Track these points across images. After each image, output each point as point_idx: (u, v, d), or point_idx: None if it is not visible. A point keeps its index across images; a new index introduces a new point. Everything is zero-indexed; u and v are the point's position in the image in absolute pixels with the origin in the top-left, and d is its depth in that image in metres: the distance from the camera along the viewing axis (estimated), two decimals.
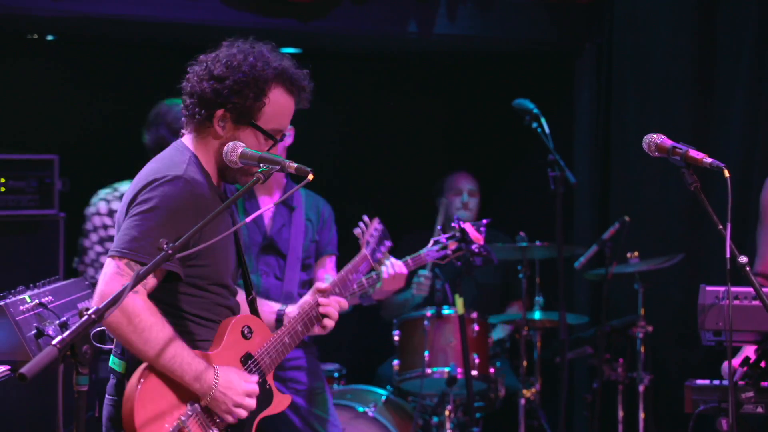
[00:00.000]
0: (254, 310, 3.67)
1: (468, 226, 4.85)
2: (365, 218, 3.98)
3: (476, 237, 4.86)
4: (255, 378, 3.48)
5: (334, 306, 3.74)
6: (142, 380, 3.28)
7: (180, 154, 3.46)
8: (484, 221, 5.01)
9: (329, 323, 3.75)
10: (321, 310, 3.70)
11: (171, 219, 3.27)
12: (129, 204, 3.36)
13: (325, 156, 7.24)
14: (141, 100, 5.53)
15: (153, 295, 3.32)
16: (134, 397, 3.27)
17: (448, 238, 4.88)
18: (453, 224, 4.96)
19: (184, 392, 3.33)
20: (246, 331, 3.53)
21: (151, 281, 3.26)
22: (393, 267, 4.69)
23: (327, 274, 5.23)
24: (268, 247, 5.05)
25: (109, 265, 3.26)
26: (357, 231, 3.93)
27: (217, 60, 3.44)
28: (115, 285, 3.16)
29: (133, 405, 3.26)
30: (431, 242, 4.90)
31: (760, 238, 4.90)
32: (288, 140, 5.17)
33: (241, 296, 3.71)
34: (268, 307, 3.88)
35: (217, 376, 3.34)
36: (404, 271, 4.80)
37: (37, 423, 3.88)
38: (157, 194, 3.31)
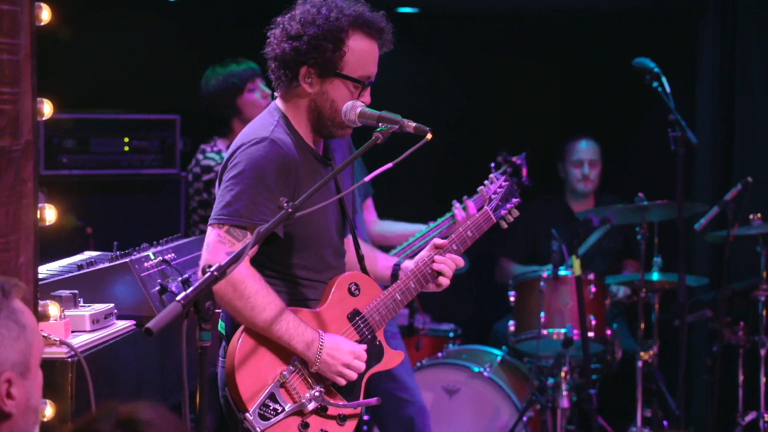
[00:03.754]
0: (363, 268, 3.68)
1: (518, 161, 4.90)
2: (491, 175, 3.95)
3: (523, 170, 4.93)
4: (357, 339, 3.50)
5: (449, 264, 3.64)
6: (241, 338, 3.34)
7: (270, 116, 3.50)
8: (523, 153, 5.06)
9: (444, 281, 3.65)
10: (435, 267, 3.62)
11: (260, 180, 3.32)
12: (222, 171, 3.42)
13: (440, 117, 7.23)
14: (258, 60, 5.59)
15: (256, 261, 3.36)
16: (234, 353, 3.32)
17: (501, 173, 4.95)
18: (499, 159, 5.05)
19: (286, 350, 3.37)
20: (353, 288, 3.54)
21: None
22: (469, 208, 4.72)
23: (373, 217, 5.55)
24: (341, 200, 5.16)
25: (210, 234, 3.32)
26: (481, 188, 3.90)
27: (292, 19, 3.45)
28: (218, 253, 3.23)
29: (233, 363, 3.32)
30: (489, 179, 4.97)
31: None
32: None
33: (351, 255, 3.73)
34: (385, 261, 3.88)
35: (322, 339, 3.38)
36: (474, 211, 4.82)
37: (162, 378, 3.97)
38: (244, 157, 3.36)
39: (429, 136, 3.23)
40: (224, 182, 3.38)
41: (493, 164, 5.46)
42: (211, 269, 2.84)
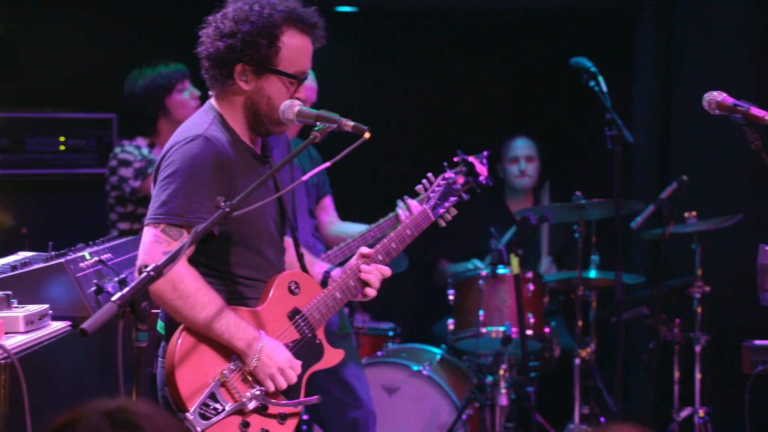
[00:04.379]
0: (303, 267, 3.68)
1: (473, 159, 4.95)
2: (429, 175, 3.96)
3: (481, 169, 4.96)
4: (297, 338, 3.49)
5: (375, 274, 3.64)
6: (181, 338, 3.32)
7: (205, 115, 3.50)
8: (485, 153, 5.10)
9: (371, 292, 3.64)
10: (362, 276, 3.63)
11: (195, 177, 3.31)
12: (156, 170, 3.41)
13: (381, 116, 7.23)
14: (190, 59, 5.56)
15: (193, 259, 3.35)
16: (174, 353, 3.30)
17: (456, 173, 5.00)
18: (456, 159, 5.09)
19: (225, 348, 3.36)
20: (293, 287, 3.54)
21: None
22: (411, 208, 4.75)
23: (329, 217, 5.53)
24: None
25: (147, 233, 3.31)
26: (419, 187, 3.90)
27: (225, 18, 3.45)
28: (155, 252, 3.21)
29: (173, 362, 3.29)
30: (439, 178, 5.04)
31: None
32: (311, 96, 5.23)
33: (291, 254, 3.72)
34: (317, 267, 3.87)
35: (263, 340, 3.37)
36: (418, 210, 4.90)
37: (99, 379, 3.93)
38: (179, 156, 3.35)
39: (367, 135, 3.23)
40: (159, 181, 3.36)
41: (446, 163, 5.48)
42: (148, 269, 2.82)
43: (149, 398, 3.28)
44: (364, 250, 3.67)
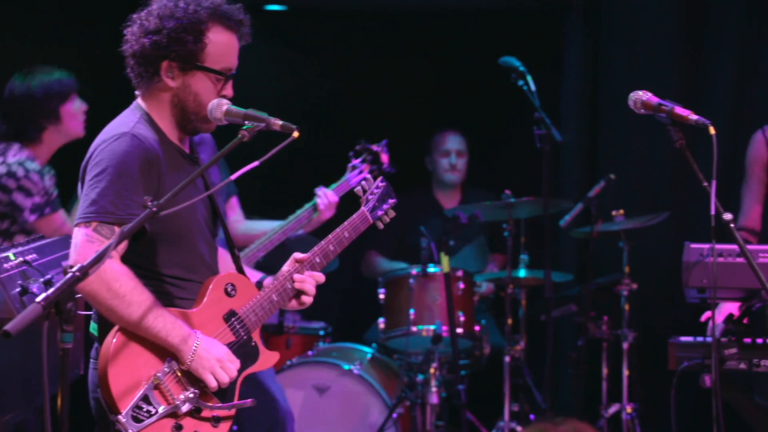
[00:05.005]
0: (239, 267, 3.66)
1: (377, 148, 4.99)
2: (368, 176, 3.95)
3: (384, 158, 5.03)
4: (233, 340, 3.47)
5: (309, 281, 3.60)
6: (115, 339, 3.27)
7: (131, 114, 3.47)
8: (385, 141, 5.18)
9: (307, 299, 3.61)
10: (297, 286, 3.60)
11: (124, 174, 3.28)
12: (83, 170, 3.37)
13: (311, 114, 7.22)
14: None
15: (125, 259, 3.31)
16: (108, 356, 3.26)
17: (362, 162, 5.21)
18: (358, 147, 5.22)
19: (160, 350, 3.31)
20: (229, 289, 3.51)
21: (121, 244, 3.23)
22: (327, 197, 4.85)
23: (236, 216, 5.58)
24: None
25: (78, 234, 3.26)
26: (358, 189, 3.88)
27: (149, 15, 3.43)
28: (87, 252, 3.15)
29: (106, 364, 3.25)
30: (349, 168, 5.44)
31: (744, 194, 4.94)
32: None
33: (225, 255, 3.70)
34: (252, 277, 3.84)
35: (198, 338, 3.34)
36: (335, 199, 5.33)
37: (24, 381, 3.88)
38: (106, 154, 3.31)
39: (296, 134, 3.22)
40: (87, 181, 3.32)
41: (351, 153, 5.55)
42: (73, 269, 2.78)
43: (73, 400, 3.23)
44: (299, 255, 3.64)
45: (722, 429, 3.42)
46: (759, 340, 4.15)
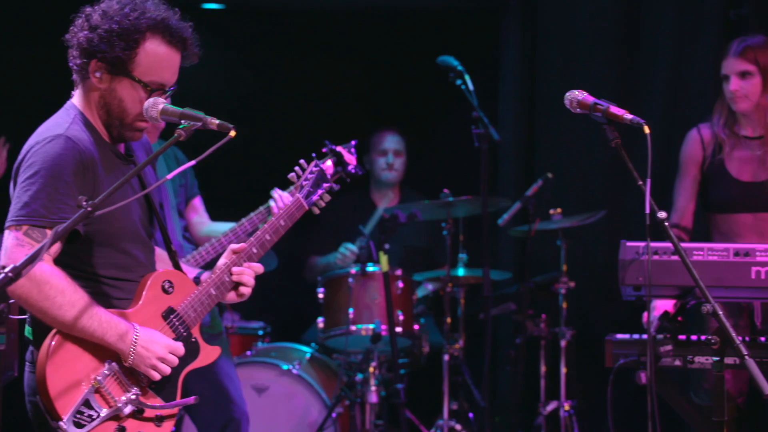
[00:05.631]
0: (176, 265, 3.63)
1: (342, 149, 4.98)
2: (302, 162, 3.90)
3: (350, 159, 5.01)
4: (173, 337, 3.44)
5: (248, 273, 3.59)
6: (52, 343, 3.23)
7: (66, 114, 3.43)
8: (353, 142, 5.16)
9: (246, 291, 3.60)
10: (234, 279, 3.58)
11: (57, 177, 3.24)
12: (16, 172, 3.33)
13: (250, 113, 7.19)
14: None
15: (59, 261, 3.27)
16: (45, 361, 3.21)
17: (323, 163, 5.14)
18: (324, 149, 5.14)
19: (99, 352, 3.28)
20: (167, 286, 3.48)
21: (54, 246, 3.20)
22: (282, 199, 4.75)
23: (199, 218, 5.49)
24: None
25: (8, 237, 3.21)
26: (291, 175, 3.84)
27: (96, 10, 3.40)
28: (17, 255, 3.11)
29: (44, 369, 3.20)
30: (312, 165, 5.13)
31: (678, 191, 5.00)
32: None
33: (163, 254, 3.67)
34: (189, 274, 3.81)
35: (137, 332, 3.31)
36: (290, 200, 4.99)
37: None
38: (39, 156, 3.27)
39: (233, 133, 3.20)
40: (20, 183, 3.27)
41: (315, 154, 5.47)
42: (5, 270, 2.74)
43: (7, 402, 3.18)
44: (235, 246, 3.62)
45: (657, 426, 3.45)
46: (693, 337, 4.20)
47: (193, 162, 3.18)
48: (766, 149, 4.84)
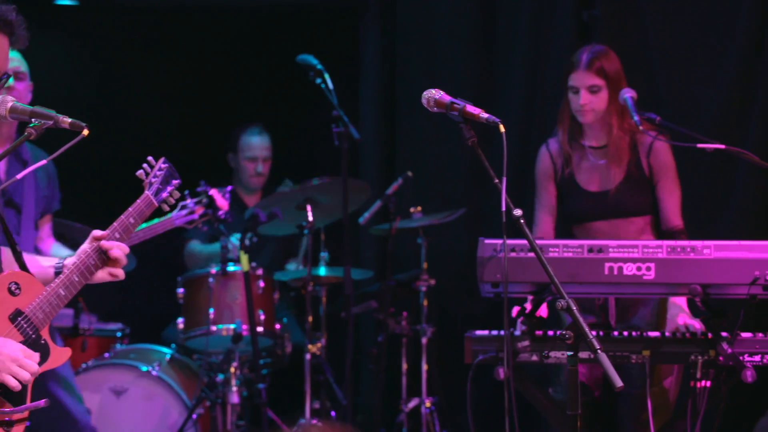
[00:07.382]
0: (22, 266, 3.52)
1: (215, 193, 4.93)
2: (149, 159, 3.82)
3: (222, 203, 4.97)
4: (21, 340, 3.34)
5: (122, 248, 3.50)
6: None
7: None
8: (229, 188, 5.13)
9: (119, 272, 3.52)
10: (112, 254, 3.47)
11: None
12: None
13: (108, 112, 7.08)
14: None
15: None
16: None
17: (195, 203, 5.07)
18: (199, 189, 5.09)
19: None
20: (13, 288, 3.38)
21: None
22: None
23: (44, 235, 5.33)
24: (8, 202, 4.91)
25: None
26: (140, 173, 3.75)
27: None
28: None
29: None
30: (179, 206, 5.17)
31: (537, 208, 5.09)
32: (26, 96, 5.03)
33: (6, 254, 3.56)
34: (47, 262, 3.70)
35: None
36: (153, 234, 5.11)
37: None
38: None
39: (85, 131, 3.15)
40: None
41: (188, 192, 5.35)
42: None
43: None
44: (97, 232, 3.52)
45: (515, 421, 3.50)
46: (550, 333, 4.28)
47: (44, 161, 3.11)
48: (609, 158, 4.94)
